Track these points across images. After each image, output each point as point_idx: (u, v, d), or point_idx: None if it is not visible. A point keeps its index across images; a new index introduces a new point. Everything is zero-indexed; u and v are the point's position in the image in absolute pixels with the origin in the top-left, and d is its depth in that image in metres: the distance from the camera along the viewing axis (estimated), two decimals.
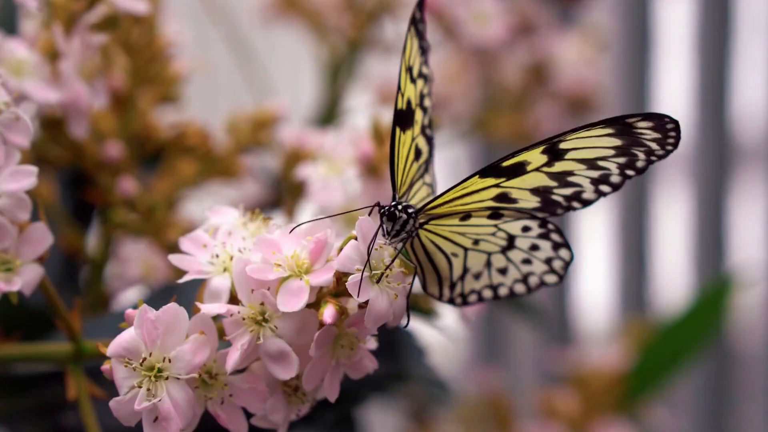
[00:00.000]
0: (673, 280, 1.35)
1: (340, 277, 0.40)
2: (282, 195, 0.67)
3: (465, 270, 0.45)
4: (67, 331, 0.45)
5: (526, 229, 0.44)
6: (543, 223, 0.44)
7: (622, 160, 0.43)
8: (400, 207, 0.43)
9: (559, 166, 0.43)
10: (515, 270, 0.45)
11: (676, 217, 1.34)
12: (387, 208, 0.43)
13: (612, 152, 0.42)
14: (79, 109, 0.50)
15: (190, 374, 0.39)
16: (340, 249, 0.40)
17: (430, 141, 0.47)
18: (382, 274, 0.40)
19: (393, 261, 0.41)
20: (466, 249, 0.45)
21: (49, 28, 0.51)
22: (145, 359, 0.39)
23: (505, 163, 0.43)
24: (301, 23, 0.80)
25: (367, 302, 0.39)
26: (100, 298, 0.61)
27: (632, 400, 0.82)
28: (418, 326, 0.53)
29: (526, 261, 0.45)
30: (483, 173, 0.43)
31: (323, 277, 0.39)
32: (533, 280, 0.45)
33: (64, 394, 0.46)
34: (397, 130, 0.45)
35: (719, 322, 0.85)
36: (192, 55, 0.64)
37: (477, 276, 0.45)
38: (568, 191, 0.43)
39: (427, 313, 0.54)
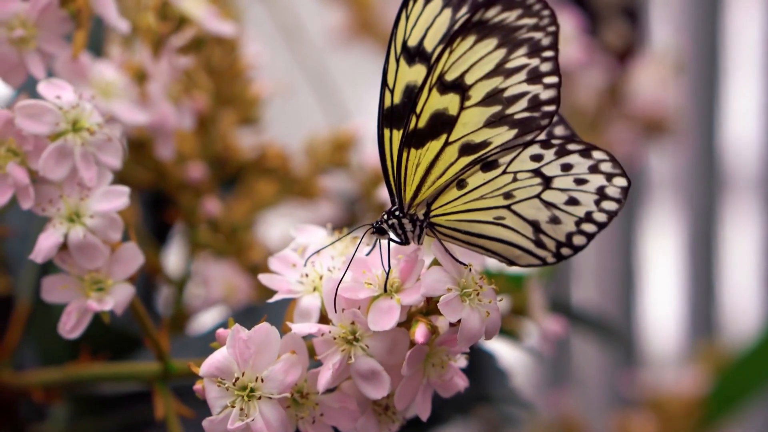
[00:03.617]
0: (742, 302, 1.33)
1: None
2: (356, 216, 0.67)
3: (532, 224, 0.41)
4: (156, 350, 0.45)
5: (535, 158, 0.40)
6: (546, 144, 0.40)
7: (523, 50, 0.39)
8: (385, 217, 0.41)
9: (477, 93, 0.39)
10: (582, 195, 0.40)
11: (745, 239, 1.33)
12: (372, 225, 0.41)
13: (504, 51, 0.39)
14: (166, 130, 0.51)
15: (282, 394, 0.39)
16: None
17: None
18: (473, 292, 0.39)
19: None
20: (506, 207, 0.41)
21: (132, 49, 0.51)
22: (237, 379, 0.39)
23: (420, 127, 0.40)
24: (376, 45, 0.81)
25: (458, 321, 0.39)
26: (179, 317, 0.62)
27: (709, 426, 0.81)
28: (500, 348, 0.53)
29: (579, 181, 0.40)
30: (414, 145, 0.40)
31: (415, 296, 0.39)
32: (602, 203, 0.40)
33: (149, 413, 0.46)
34: (386, 132, 0.41)
35: None
36: (270, 77, 0.64)
37: (555, 220, 0.41)
38: (523, 103, 0.39)
39: (510, 335, 0.53)
